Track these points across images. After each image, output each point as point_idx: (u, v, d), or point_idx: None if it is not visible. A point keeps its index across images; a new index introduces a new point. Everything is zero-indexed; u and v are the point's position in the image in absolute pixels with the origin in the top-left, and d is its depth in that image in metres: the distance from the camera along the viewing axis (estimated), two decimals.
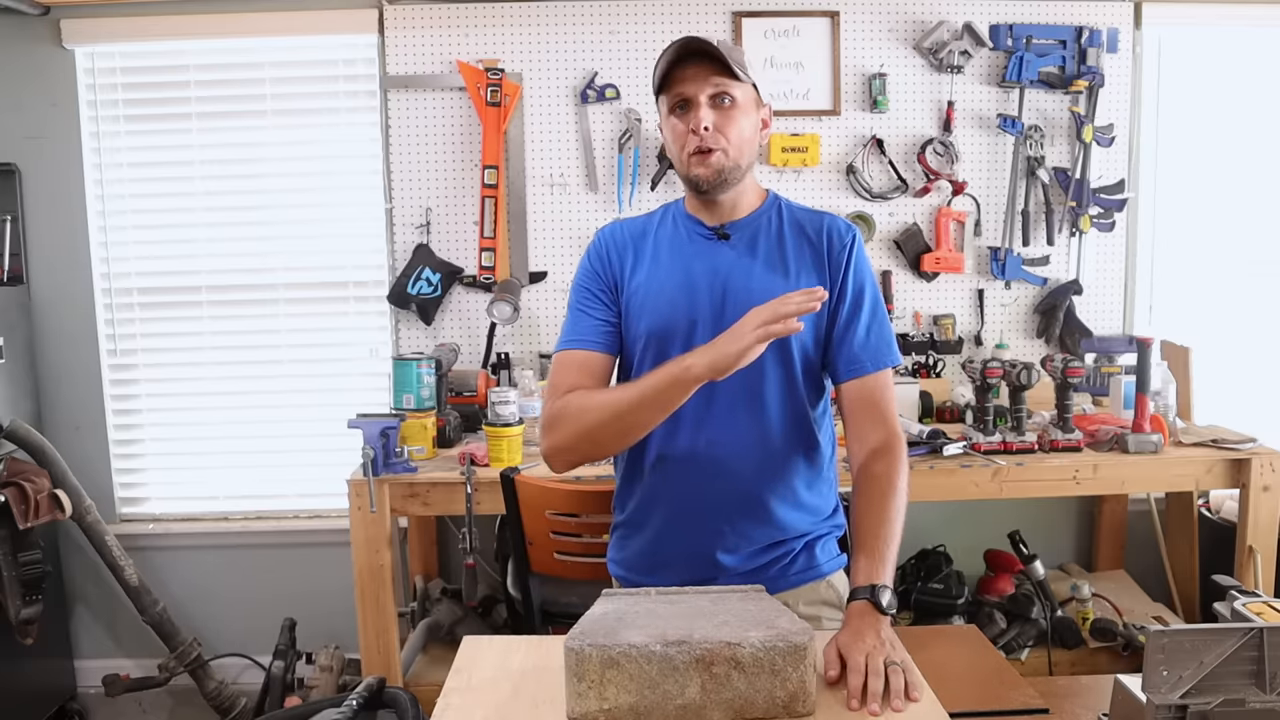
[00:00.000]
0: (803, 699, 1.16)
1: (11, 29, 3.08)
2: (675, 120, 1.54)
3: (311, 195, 3.22)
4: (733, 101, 1.52)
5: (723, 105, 1.52)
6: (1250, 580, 2.64)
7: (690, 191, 1.61)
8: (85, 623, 3.32)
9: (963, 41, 3.09)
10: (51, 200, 3.17)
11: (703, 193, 1.57)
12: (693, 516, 1.57)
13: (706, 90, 1.51)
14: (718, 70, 1.50)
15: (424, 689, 2.50)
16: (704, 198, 1.58)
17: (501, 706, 1.21)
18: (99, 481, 3.20)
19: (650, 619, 1.23)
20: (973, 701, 1.29)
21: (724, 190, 1.56)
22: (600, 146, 3.15)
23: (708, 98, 1.51)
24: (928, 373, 3.18)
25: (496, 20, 3.10)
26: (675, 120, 1.54)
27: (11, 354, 3.02)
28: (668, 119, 1.56)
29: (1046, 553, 3.06)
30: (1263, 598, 1.33)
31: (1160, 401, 2.81)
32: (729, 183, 1.55)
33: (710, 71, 1.50)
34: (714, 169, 1.53)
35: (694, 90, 1.51)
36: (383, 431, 2.53)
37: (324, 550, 3.23)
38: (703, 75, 1.51)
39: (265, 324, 3.26)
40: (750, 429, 1.54)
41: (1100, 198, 3.17)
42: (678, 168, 1.59)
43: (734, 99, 1.52)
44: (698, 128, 1.50)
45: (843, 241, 1.58)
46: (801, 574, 1.60)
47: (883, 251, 3.21)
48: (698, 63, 1.51)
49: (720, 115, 1.52)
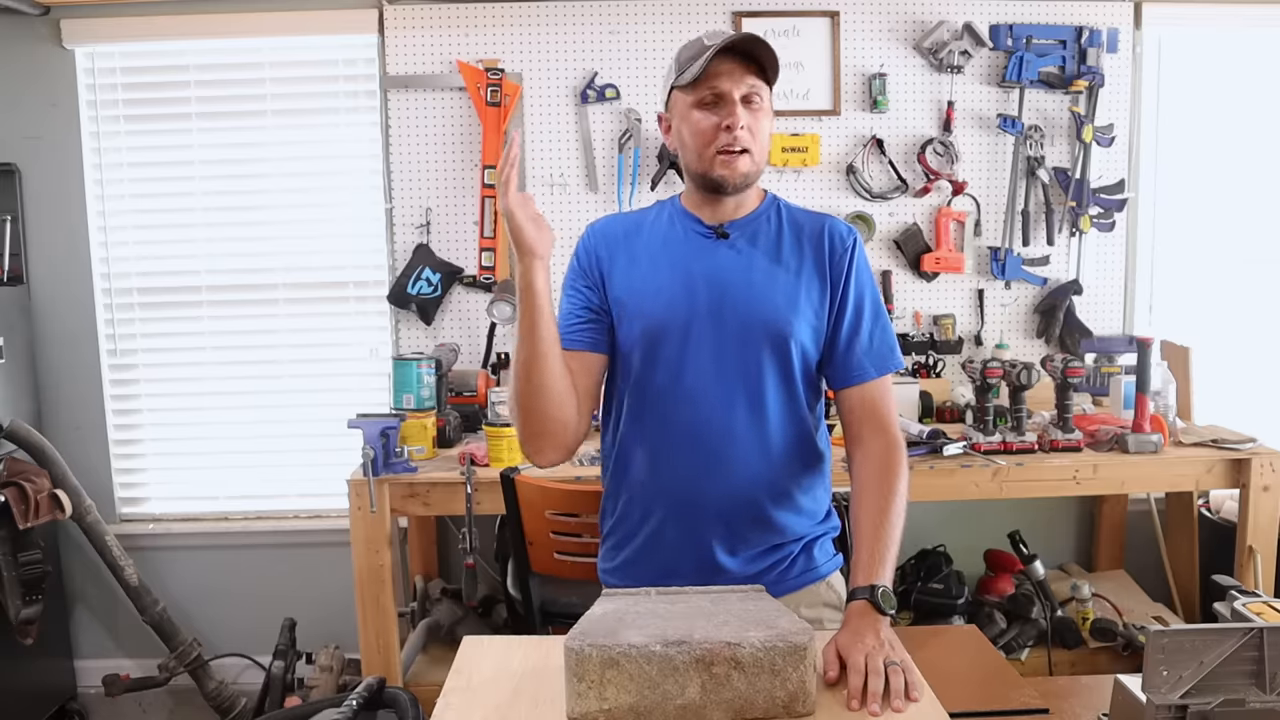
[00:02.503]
0: (803, 699, 1.16)
1: (11, 29, 3.08)
2: (702, 115, 1.49)
3: (311, 195, 3.22)
4: (761, 102, 1.51)
5: (752, 105, 1.50)
6: (1250, 580, 2.64)
7: (698, 189, 1.57)
8: (85, 623, 3.32)
9: (963, 41, 3.09)
10: (51, 200, 3.17)
11: (720, 193, 1.54)
12: (689, 521, 1.55)
13: (741, 88, 1.48)
14: (754, 70, 1.49)
15: (424, 689, 2.50)
16: (716, 196, 1.55)
17: (501, 706, 1.21)
18: (99, 481, 3.20)
19: (650, 619, 1.23)
20: (973, 701, 1.29)
21: (741, 193, 1.55)
22: (600, 146, 3.15)
23: (741, 96, 1.49)
24: (928, 373, 3.18)
25: (496, 20, 3.10)
26: (702, 115, 1.49)
27: (11, 354, 3.02)
28: (690, 112, 1.51)
29: (1046, 553, 3.06)
30: (1263, 598, 1.33)
31: (1160, 401, 2.81)
32: (748, 186, 1.54)
33: (746, 70, 1.48)
34: (741, 173, 1.51)
35: (729, 86, 1.48)
36: (383, 431, 2.53)
37: (324, 550, 3.23)
38: (739, 73, 1.48)
39: (265, 324, 3.26)
40: (749, 433, 1.53)
41: (1100, 198, 3.17)
42: (693, 163, 1.53)
43: (763, 100, 1.51)
44: (734, 125, 1.47)
45: (844, 246, 1.56)
46: (800, 576, 1.59)
47: (883, 251, 3.21)
48: (735, 59, 1.48)
49: (751, 115, 1.50)
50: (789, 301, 1.53)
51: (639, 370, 1.55)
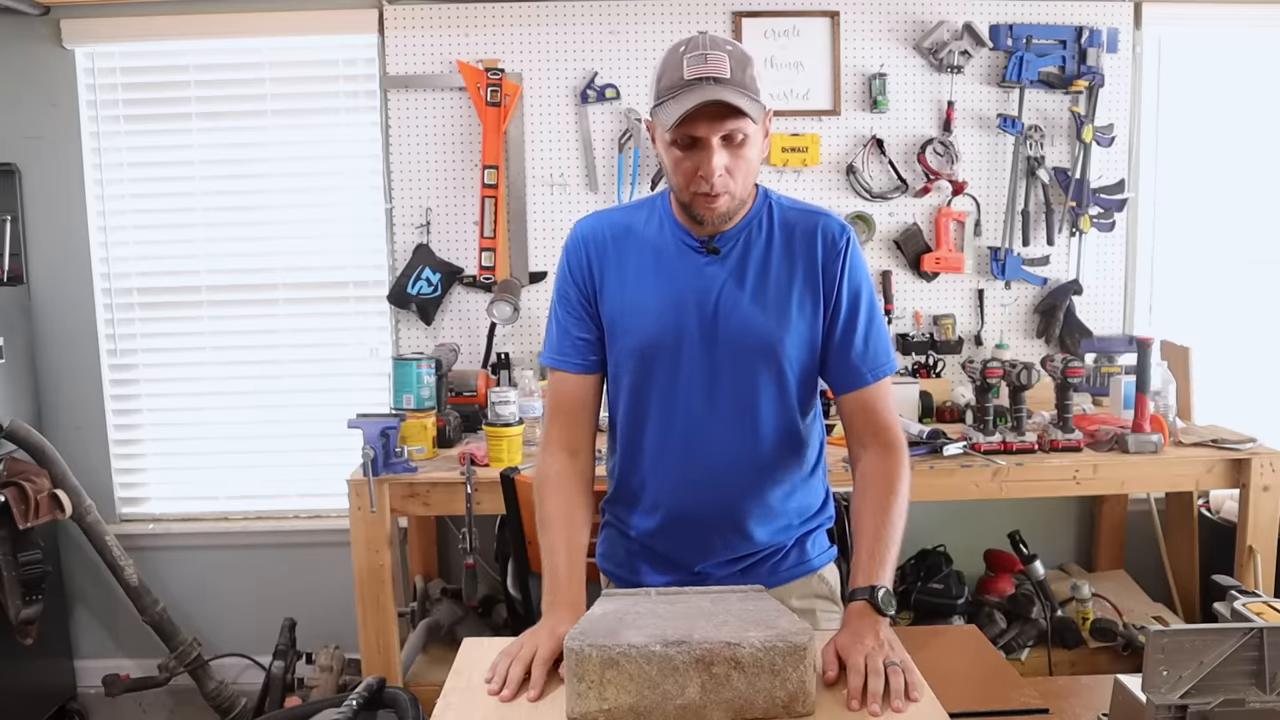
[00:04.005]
0: (802, 699, 1.16)
1: (11, 29, 3.08)
2: (680, 154, 1.41)
3: (311, 195, 3.22)
4: (745, 138, 1.40)
5: (734, 143, 1.40)
6: (1250, 580, 2.64)
7: (682, 210, 1.52)
8: (85, 623, 3.32)
9: (963, 41, 3.09)
10: (51, 200, 3.17)
11: (701, 224, 1.49)
12: (679, 535, 1.57)
13: (719, 132, 1.38)
14: (734, 113, 1.37)
15: (424, 689, 2.50)
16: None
17: (501, 706, 1.21)
18: (99, 481, 3.20)
19: (650, 619, 1.23)
20: (973, 701, 1.29)
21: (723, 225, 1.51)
22: (600, 146, 3.15)
23: (720, 138, 1.39)
24: (928, 373, 3.18)
25: (496, 20, 3.10)
26: (680, 154, 1.41)
27: (11, 354, 3.02)
28: (669, 148, 1.43)
29: (1046, 553, 3.06)
30: (1263, 598, 1.33)
31: (1160, 401, 2.81)
32: (731, 218, 1.50)
33: (726, 114, 1.37)
34: (720, 214, 1.45)
35: (706, 132, 1.38)
36: (383, 431, 2.53)
37: (324, 550, 3.23)
38: (718, 119, 1.37)
39: (265, 324, 3.26)
40: (741, 441, 1.53)
41: (1100, 198, 3.17)
42: (674, 191, 1.49)
43: (746, 135, 1.40)
44: (709, 175, 1.39)
45: (836, 248, 1.52)
46: (793, 569, 1.60)
47: (883, 251, 3.21)
48: (713, 105, 1.36)
49: (731, 156, 1.40)
50: (780, 318, 1.50)
51: (632, 387, 1.55)
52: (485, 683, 1.27)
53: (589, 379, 1.59)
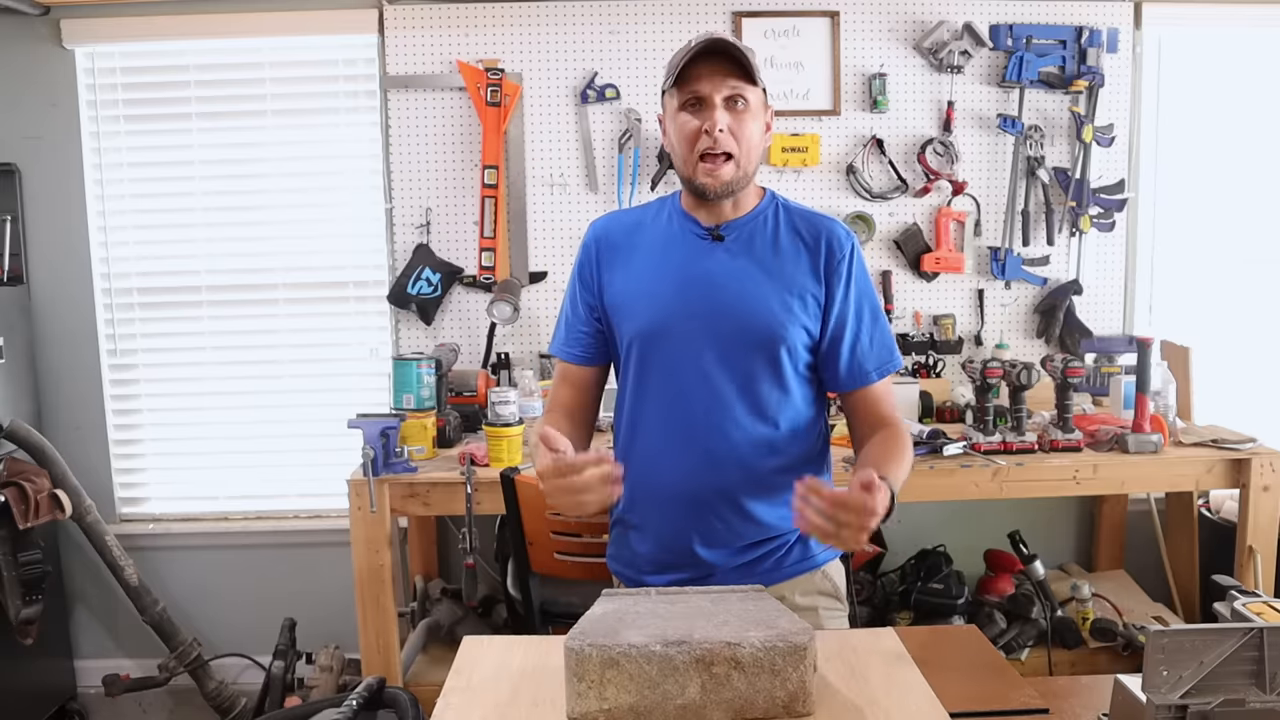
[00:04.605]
0: (803, 699, 1.16)
1: (11, 29, 3.08)
2: (686, 117, 1.52)
3: (311, 195, 3.22)
4: (746, 104, 1.51)
5: (736, 108, 1.51)
6: (1250, 580, 2.64)
7: (689, 194, 1.60)
8: (85, 623, 3.32)
9: (963, 41, 3.09)
10: (51, 200, 3.17)
11: (705, 199, 1.56)
12: (684, 520, 1.58)
13: (723, 91, 1.49)
14: (735, 72, 1.49)
15: (424, 689, 2.50)
16: (705, 202, 1.58)
17: (501, 706, 1.21)
18: (99, 481, 3.20)
19: (650, 619, 1.23)
20: (973, 701, 1.29)
21: (728, 198, 1.56)
22: (600, 146, 3.15)
23: (723, 99, 1.50)
24: (928, 373, 3.18)
25: (496, 20, 3.10)
26: (686, 117, 1.52)
27: (11, 354, 3.02)
28: (676, 115, 1.53)
29: (1046, 553, 3.06)
30: (1263, 598, 1.33)
31: (1160, 401, 2.81)
32: (734, 192, 1.55)
33: (727, 73, 1.49)
34: (723, 181, 1.52)
35: (709, 89, 1.49)
36: (383, 431, 2.53)
37: (324, 550, 3.23)
38: (719, 75, 1.49)
39: (265, 324, 3.26)
40: (744, 434, 1.55)
41: (1100, 198, 3.17)
42: (681, 167, 1.56)
43: (747, 102, 1.51)
44: (712, 129, 1.49)
45: (842, 252, 1.57)
46: (796, 565, 1.62)
47: (883, 251, 3.21)
48: (715, 62, 1.49)
49: (734, 118, 1.50)
50: (782, 305, 1.54)
51: (636, 372, 1.60)
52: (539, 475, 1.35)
53: (588, 370, 1.67)
